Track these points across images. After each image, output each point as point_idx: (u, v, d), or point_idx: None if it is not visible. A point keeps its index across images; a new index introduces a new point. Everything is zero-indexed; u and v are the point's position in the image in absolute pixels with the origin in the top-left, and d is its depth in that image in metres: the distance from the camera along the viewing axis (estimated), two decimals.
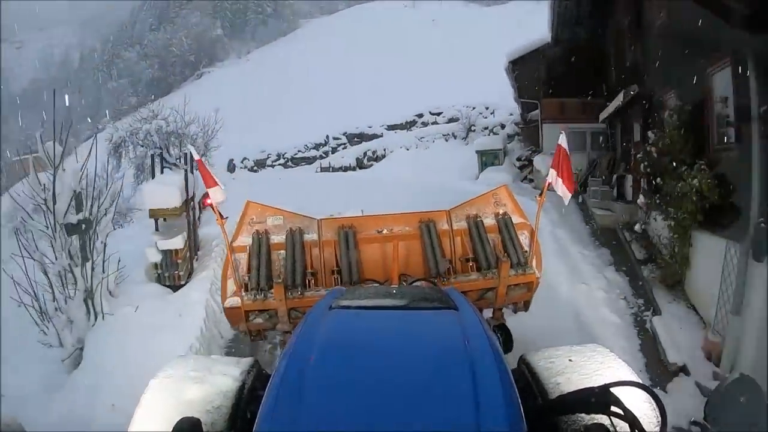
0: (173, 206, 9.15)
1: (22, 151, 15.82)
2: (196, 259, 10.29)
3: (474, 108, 33.65)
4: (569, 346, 3.55)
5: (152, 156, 11.39)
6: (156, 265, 9.14)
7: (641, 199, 9.31)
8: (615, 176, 13.96)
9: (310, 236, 6.28)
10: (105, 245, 8.18)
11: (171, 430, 2.37)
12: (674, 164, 7.87)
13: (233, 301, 5.81)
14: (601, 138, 17.47)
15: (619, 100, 12.60)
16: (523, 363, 3.47)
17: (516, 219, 6.36)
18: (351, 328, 3.24)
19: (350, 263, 5.95)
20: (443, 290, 4.21)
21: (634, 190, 12.11)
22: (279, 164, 38.33)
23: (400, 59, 48.46)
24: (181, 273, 9.19)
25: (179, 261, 9.15)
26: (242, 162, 37.83)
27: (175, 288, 9.05)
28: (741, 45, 6.25)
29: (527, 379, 3.28)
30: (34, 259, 7.78)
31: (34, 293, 7.57)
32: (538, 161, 17.80)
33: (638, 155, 9.63)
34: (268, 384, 2.55)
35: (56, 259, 7.57)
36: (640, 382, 2.70)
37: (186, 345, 7.12)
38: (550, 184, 5.76)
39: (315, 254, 6.16)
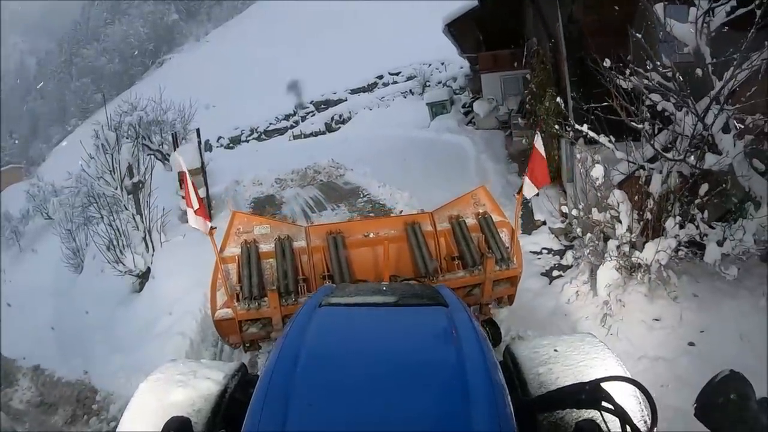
0: (196, 167, 12.41)
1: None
2: (212, 208, 13.46)
3: (430, 65, 35.60)
4: (558, 336, 3.76)
5: (173, 135, 14.34)
6: (186, 212, 12.41)
7: (520, 121, 12.58)
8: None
9: (299, 243, 6.32)
10: (149, 203, 11.35)
11: (161, 429, 2.52)
12: (544, 95, 10.88)
13: (224, 312, 5.85)
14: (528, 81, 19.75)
15: (525, 50, 15.71)
16: (507, 353, 3.56)
17: (495, 218, 6.72)
18: (340, 325, 3.26)
19: (341, 267, 6.01)
20: (433, 287, 4.23)
21: None
22: (253, 138, 40.23)
23: (359, 23, 49.55)
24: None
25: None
26: (218, 141, 39.54)
27: None
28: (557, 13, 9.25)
29: (510, 370, 3.35)
30: (102, 215, 11.04)
31: (111, 241, 10.63)
32: (476, 105, 20.15)
33: (525, 91, 12.83)
34: (257, 384, 2.53)
35: (123, 212, 10.77)
36: (631, 377, 2.71)
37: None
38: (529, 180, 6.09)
39: (305, 261, 6.22)
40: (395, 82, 37.93)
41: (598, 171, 6.44)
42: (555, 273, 8.01)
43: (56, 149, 66.89)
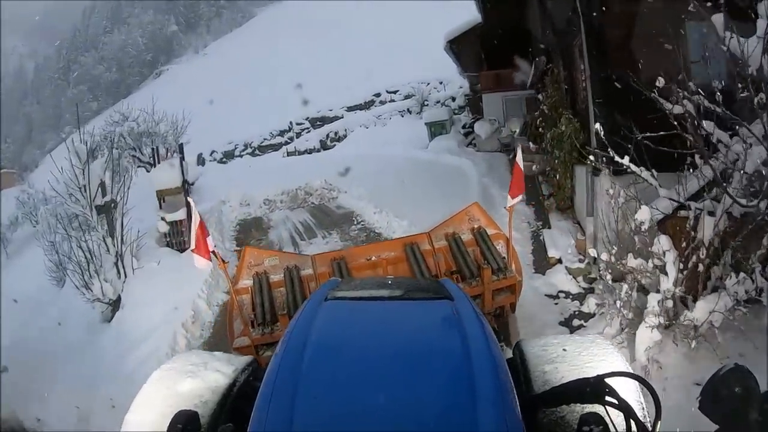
0: (176, 186, 11.44)
1: None
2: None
3: (428, 84, 35.22)
4: (568, 335, 3.97)
5: (153, 149, 13.42)
6: (165, 234, 11.41)
7: (531, 145, 11.66)
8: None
9: (306, 271, 6.74)
10: (123, 224, 10.42)
11: (169, 423, 2.47)
12: (558, 117, 9.96)
13: (242, 341, 6.15)
14: (533, 102, 19.02)
15: (533, 69, 14.85)
16: (517, 349, 3.52)
17: (490, 231, 7.05)
18: (346, 320, 3.25)
19: None
20: (438, 281, 4.28)
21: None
22: (247, 153, 39.63)
23: (357, 40, 49.24)
24: (186, 239, 11.40)
25: (183, 230, 11.38)
26: (211, 155, 38.86)
27: (182, 250, 11.22)
28: (579, 26, 8.21)
29: (517, 367, 3.31)
30: (71, 236, 10.04)
31: (79, 265, 9.72)
32: (477, 126, 19.31)
33: (536, 112, 11.93)
34: (263, 380, 2.52)
35: (93, 233, 9.79)
36: (635, 373, 2.73)
37: (202, 280, 9.23)
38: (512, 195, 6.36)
39: (312, 287, 6.45)
40: (393, 101, 37.57)
41: (643, 214, 5.44)
42: (576, 322, 6.98)
43: (49, 156, 66.08)
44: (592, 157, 6.63)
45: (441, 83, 34.75)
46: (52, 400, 7.36)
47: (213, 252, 6.04)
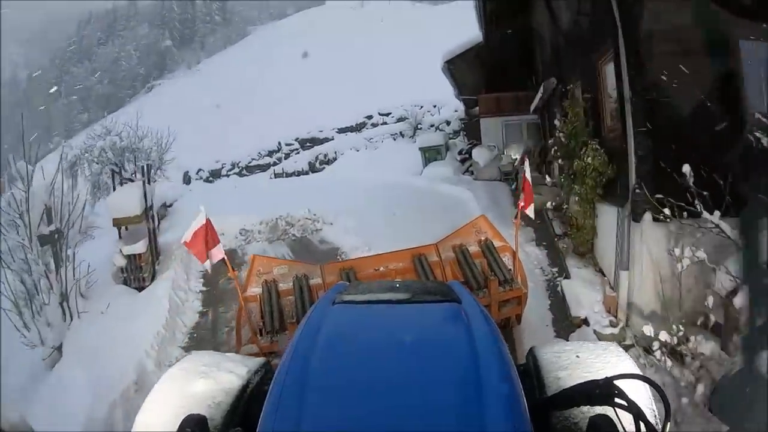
0: (135, 214, 9.95)
1: None
2: (158, 263, 10.96)
3: (422, 107, 34.03)
4: (582, 342, 3.72)
5: (112, 171, 12.02)
6: (122, 269, 9.90)
7: (548, 179, 10.30)
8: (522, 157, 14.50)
9: (315, 280, 6.98)
10: (74, 253, 8.99)
11: (178, 425, 2.50)
12: (578, 146, 8.71)
13: (249, 348, 6.37)
14: (535, 128, 17.82)
15: (541, 92, 13.56)
16: (530, 355, 3.53)
17: (497, 243, 7.35)
18: (354, 323, 3.27)
19: None
20: (446, 284, 4.29)
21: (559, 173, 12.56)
22: (234, 173, 38.28)
23: (350, 62, 48.98)
24: (145, 275, 9.96)
25: (143, 264, 9.92)
26: (197, 173, 37.69)
27: (140, 289, 9.77)
28: (616, 38, 6.89)
29: (531, 372, 3.32)
30: (11, 269, 8.53)
31: (15, 301, 8.26)
32: (476, 153, 18.16)
33: (550, 140, 10.60)
34: (272, 382, 2.54)
35: (33, 267, 8.33)
36: (644, 375, 2.73)
37: (154, 332, 7.87)
38: (522, 207, 6.76)
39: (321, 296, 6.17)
40: (385, 123, 36.46)
41: (742, 300, 3.99)
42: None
43: (36, 165, 65.18)
44: (666, 209, 5.26)
45: (435, 107, 33.78)
46: None
47: (223, 260, 6.22)
